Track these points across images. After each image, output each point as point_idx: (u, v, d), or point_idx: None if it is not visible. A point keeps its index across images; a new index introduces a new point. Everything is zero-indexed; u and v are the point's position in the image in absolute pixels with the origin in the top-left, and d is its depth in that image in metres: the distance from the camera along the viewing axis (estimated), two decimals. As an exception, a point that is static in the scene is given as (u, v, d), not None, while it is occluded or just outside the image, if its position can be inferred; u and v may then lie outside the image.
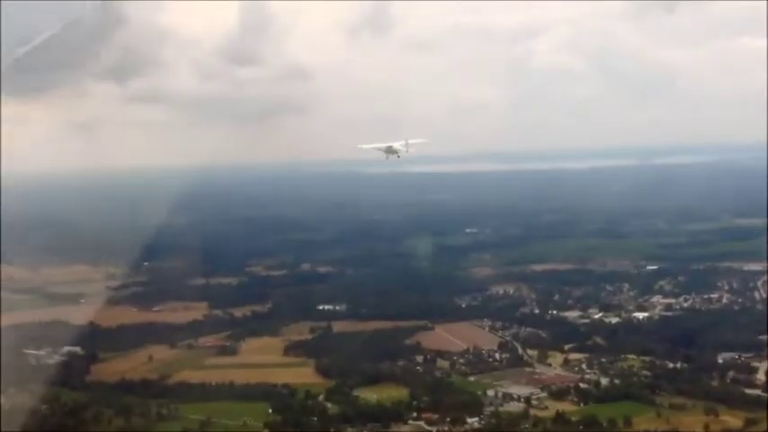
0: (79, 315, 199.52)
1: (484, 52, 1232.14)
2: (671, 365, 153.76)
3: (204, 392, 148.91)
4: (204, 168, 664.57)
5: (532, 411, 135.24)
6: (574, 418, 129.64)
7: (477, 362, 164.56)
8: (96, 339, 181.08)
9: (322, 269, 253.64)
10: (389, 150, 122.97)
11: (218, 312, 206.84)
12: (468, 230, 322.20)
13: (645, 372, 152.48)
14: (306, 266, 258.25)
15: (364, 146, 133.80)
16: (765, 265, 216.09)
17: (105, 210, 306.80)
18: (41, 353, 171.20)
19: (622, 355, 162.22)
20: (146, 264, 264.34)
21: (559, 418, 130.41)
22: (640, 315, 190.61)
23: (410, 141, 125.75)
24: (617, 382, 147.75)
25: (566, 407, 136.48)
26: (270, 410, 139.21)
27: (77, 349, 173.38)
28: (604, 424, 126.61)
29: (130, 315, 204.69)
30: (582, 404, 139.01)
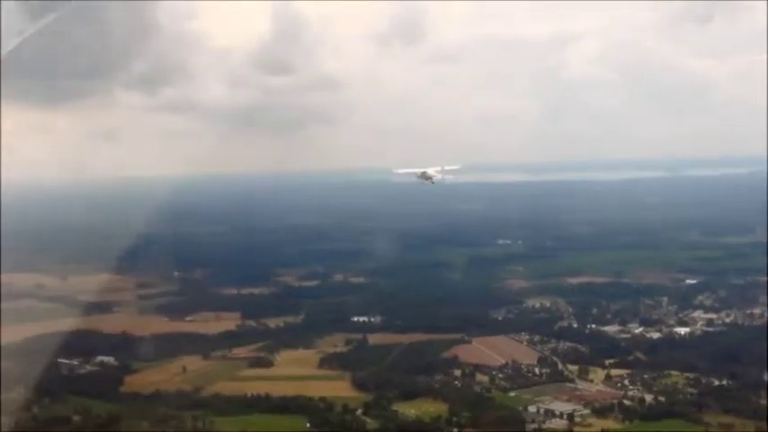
0: (111, 324, 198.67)
1: (513, 63, 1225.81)
2: (716, 383, 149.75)
3: (240, 405, 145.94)
4: (232, 177, 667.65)
5: (576, 429, 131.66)
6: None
7: (517, 376, 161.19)
8: (129, 349, 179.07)
9: (354, 280, 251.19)
10: (423, 176, 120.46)
11: (251, 323, 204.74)
12: (500, 241, 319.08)
13: (690, 389, 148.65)
14: (338, 277, 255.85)
15: (398, 170, 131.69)
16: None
17: (133, 218, 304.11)
18: (74, 362, 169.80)
19: (665, 371, 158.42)
20: (176, 273, 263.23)
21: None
22: (682, 330, 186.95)
23: (445, 168, 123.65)
24: (662, 399, 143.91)
25: (610, 424, 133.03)
26: (307, 424, 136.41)
27: (110, 359, 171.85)
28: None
29: (162, 325, 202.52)
30: (626, 422, 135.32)
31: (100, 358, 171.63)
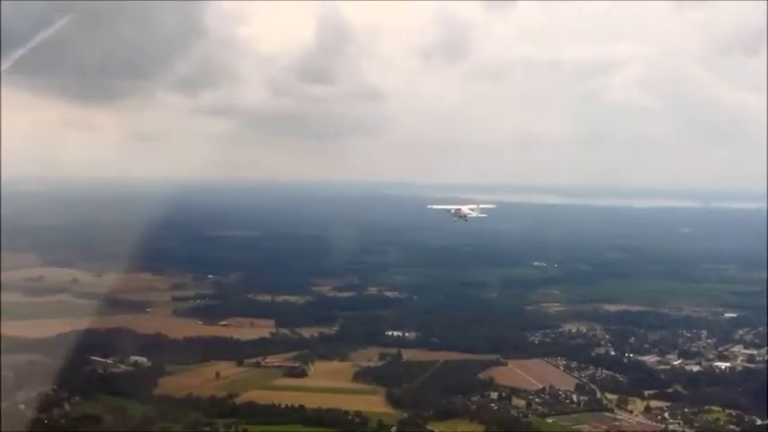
0: (145, 324, 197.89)
1: (553, 85, 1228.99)
2: (759, 422, 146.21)
3: (273, 415, 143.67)
4: (268, 184, 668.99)
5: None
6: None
7: (554, 402, 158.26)
8: (163, 351, 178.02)
9: (389, 293, 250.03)
10: (457, 214, 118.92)
11: (286, 331, 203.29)
12: (535, 263, 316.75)
13: (732, 427, 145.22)
14: (372, 290, 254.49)
15: (434, 206, 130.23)
16: None
17: (168, 219, 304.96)
18: (108, 361, 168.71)
19: (706, 407, 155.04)
20: (210, 276, 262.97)
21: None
22: (722, 365, 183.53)
23: (481, 206, 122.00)
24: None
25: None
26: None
27: (144, 360, 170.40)
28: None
29: (197, 328, 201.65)
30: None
31: (134, 358, 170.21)
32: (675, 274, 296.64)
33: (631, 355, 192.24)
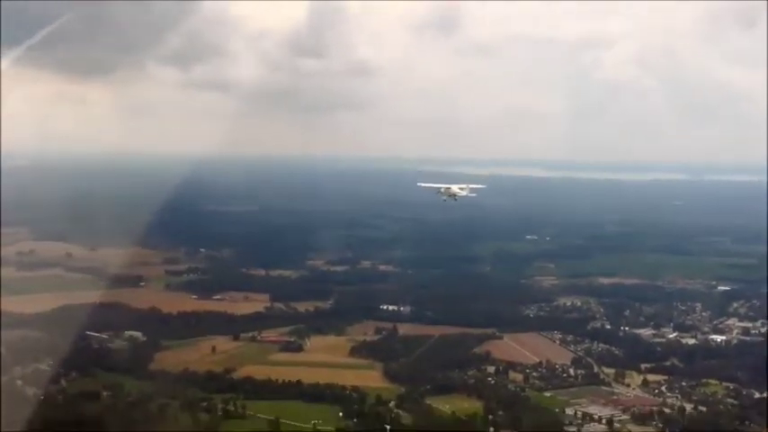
0: (139, 299, 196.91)
1: (546, 61, 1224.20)
2: (757, 395, 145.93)
3: (271, 390, 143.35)
4: (260, 159, 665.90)
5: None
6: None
7: (551, 377, 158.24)
8: (158, 326, 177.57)
9: (383, 268, 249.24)
10: (448, 192, 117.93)
11: (280, 306, 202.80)
12: (528, 237, 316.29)
13: (730, 400, 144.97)
14: (366, 264, 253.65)
15: (423, 185, 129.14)
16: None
17: (159, 194, 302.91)
18: (103, 336, 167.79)
19: (703, 380, 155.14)
20: (203, 251, 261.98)
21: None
22: (718, 338, 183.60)
23: (471, 186, 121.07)
24: (702, 409, 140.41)
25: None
26: (340, 414, 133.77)
27: (139, 335, 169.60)
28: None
29: (191, 303, 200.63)
30: (667, 431, 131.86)
31: (129, 333, 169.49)
32: (669, 248, 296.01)
33: (626, 328, 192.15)
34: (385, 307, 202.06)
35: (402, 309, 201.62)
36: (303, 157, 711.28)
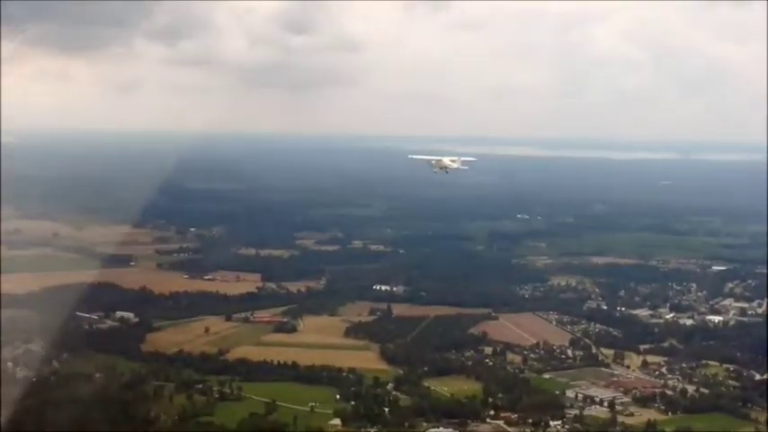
0: (129, 279, 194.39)
1: (536, 36, 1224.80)
2: (758, 377, 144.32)
3: (266, 372, 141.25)
4: (248, 136, 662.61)
5: (619, 418, 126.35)
6: (667, 429, 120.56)
7: (549, 358, 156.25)
8: (149, 306, 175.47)
9: (374, 247, 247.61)
10: (439, 164, 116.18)
11: (272, 285, 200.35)
12: (519, 216, 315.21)
13: (731, 382, 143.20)
14: (357, 243, 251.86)
15: (415, 156, 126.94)
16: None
17: (145, 172, 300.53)
18: (94, 317, 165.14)
19: (703, 361, 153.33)
20: (193, 230, 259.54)
21: (651, 428, 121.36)
22: (715, 319, 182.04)
23: (463, 159, 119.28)
24: (704, 391, 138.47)
25: (653, 415, 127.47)
26: (337, 396, 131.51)
27: (130, 315, 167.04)
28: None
29: (182, 282, 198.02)
30: (669, 413, 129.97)
31: (120, 314, 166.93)
32: (660, 227, 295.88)
33: (623, 308, 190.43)
34: (378, 287, 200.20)
35: (395, 289, 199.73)
36: (290, 134, 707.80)
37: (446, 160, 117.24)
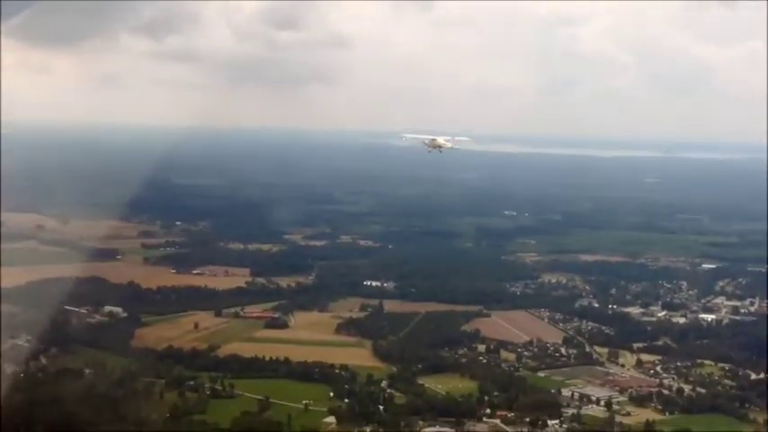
0: (116, 273, 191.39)
1: (521, 35, 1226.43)
2: (754, 376, 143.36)
3: (258, 368, 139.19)
4: (233, 131, 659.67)
5: (616, 417, 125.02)
6: (666, 430, 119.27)
7: (544, 356, 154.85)
8: (137, 300, 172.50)
9: (363, 242, 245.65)
10: (433, 144, 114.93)
11: (262, 280, 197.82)
12: (506, 212, 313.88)
13: (727, 381, 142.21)
14: (345, 238, 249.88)
15: (407, 135, 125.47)
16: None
17: (130, 166, 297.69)
18: (82, 311, 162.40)
19: (698, 360, 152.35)
20: (179, 224, 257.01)
21: (649, 428, 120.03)
22: (708, 317, 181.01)
23: (456, 138, 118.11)
24: (701, 390, 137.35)
25: (650, 415, 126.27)
26: (331, 394, 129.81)
27: (119, 310, 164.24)
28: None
29: (170, 277, 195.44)
30: (667, 413, 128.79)
31: (108, 308, 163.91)
32: (648, 225, 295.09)
33: (614, 306, 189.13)
34: (368, 283, 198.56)
35: (385, 285, 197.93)
36: (276, 130, 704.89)
37: (440, 140, 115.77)
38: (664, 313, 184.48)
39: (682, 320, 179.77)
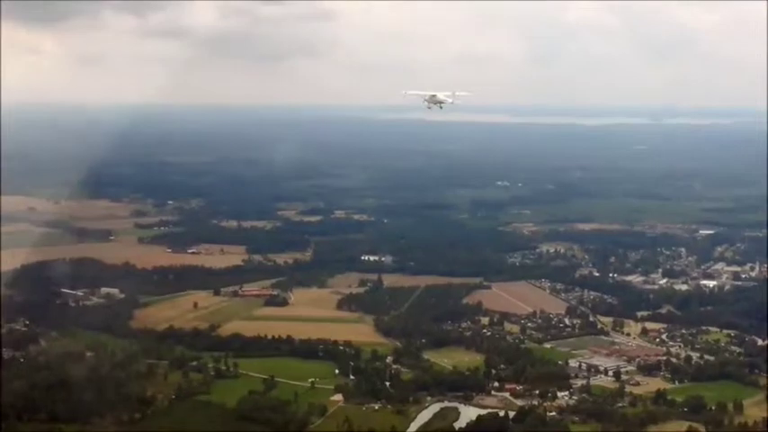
0: (111, 253, 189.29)
1: (506, 5, 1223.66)
2: (760, 342, 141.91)
3: (261, 347, 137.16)
4: (221, 108, 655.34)
5: (626, 388, 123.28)
6: (678, 399, 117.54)
7: (548, 327, 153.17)
8: (133, 281, 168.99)
9: (357, 217, 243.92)
10: (433, 100, 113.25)
11: (258, 258, 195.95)
12: (499, 183, 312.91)
13: (735, 348, 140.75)
14: (339, 213, 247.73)
15: (409, 92, 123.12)
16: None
17: (120, 145, 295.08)
18: (78, 293, 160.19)
19: (703, 327, 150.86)
20: (171, 202, 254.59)
21: (660, 397, 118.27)
22: (710, 283, 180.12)
23: (457, 93, 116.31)
24: (709, 358, 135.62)
25: (660, 384, 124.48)
26: (336, 371, 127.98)
27: (115, 291, 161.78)
28: (712, 408, 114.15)
29: (165, 256, 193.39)
30: (676, 382, 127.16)
31: (105, 290, 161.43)
32: (642, 192, 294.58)
33: (615, 275, 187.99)
34: (366, 257, 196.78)
35: (383, 259, 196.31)
36: (262, 105, 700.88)
37: (440, 95, 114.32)
38: (665, 281, 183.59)
39: (683, 287, 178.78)
